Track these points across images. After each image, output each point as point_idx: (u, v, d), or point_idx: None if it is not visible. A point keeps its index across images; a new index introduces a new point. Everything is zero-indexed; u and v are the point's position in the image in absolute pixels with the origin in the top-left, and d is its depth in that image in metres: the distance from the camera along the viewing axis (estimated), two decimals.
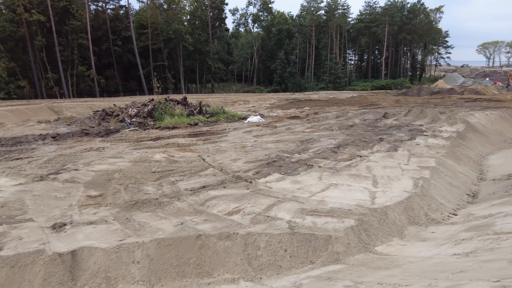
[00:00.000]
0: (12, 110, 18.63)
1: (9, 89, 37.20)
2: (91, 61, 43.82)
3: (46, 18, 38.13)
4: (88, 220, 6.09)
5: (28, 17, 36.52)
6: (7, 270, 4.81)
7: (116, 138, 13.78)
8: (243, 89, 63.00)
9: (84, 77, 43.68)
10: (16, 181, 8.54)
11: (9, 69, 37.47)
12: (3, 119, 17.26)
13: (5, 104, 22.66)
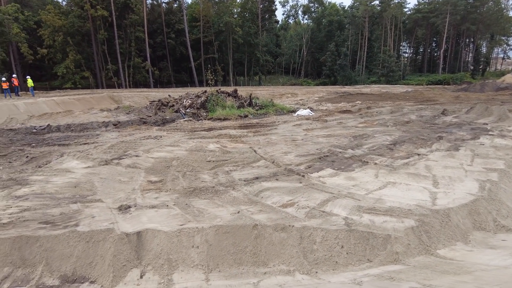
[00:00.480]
0: (78, 99, 20.24)
1: (75, 79, 40.41)
2: (147, 53, 46.06)
3: (109, 13, 40.64)
4: (150, 204, 6.49)
5: (93, 12, 39.19)
6: (83, 245, 5.30)
7: (172, 127, 14.40)
8: (290, 82, 62.53)
9: (140, 68, 46.08)
10: (85, 164, 9.31)
11: (75, 61, 40.63)
12: (71, 106, 18.81)
13: (73, 93, 24.62)
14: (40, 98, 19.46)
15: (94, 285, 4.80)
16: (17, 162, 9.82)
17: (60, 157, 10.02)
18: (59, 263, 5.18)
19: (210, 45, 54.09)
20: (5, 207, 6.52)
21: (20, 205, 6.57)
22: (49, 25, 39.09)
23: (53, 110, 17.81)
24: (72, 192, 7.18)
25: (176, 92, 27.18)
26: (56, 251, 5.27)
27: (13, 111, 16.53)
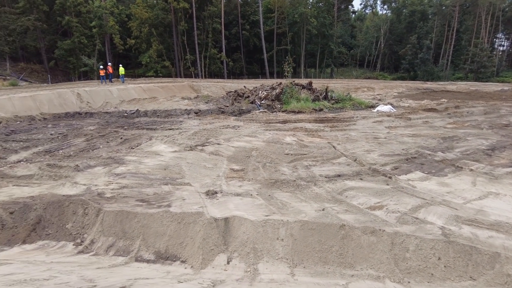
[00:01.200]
0: (162, 87, 21.72)
1: (156, 68, 43.47)
2: (222, 45, 47.52)
3: (189, 5, 42.73)
4: (235, 192, 6.67)
5: (176, 5, 41.56)
6: (175, 225, 5.65)
7: (248, 118, 14.66)
8: (365, 75, 59.69)
9: (215, 59, 47.80)
10: (172, 148, 9.93)
11: (158, 51, 43.61)
12: (156, 93, 20.27)
13: (156, 81, 26.49)
14: (129, 85, 21.34)
15: (184, 265, 5.09)
16: (113, 142, 10.85)
17: (149, 141, 10.83)
18: (154, 240, 5.60)
19: (283, 37, 53.94)
20: (108, 182, 7.26)
21: (119, 182, 7.25)
22: (137, 17, 42.57)
23: (140, 96, 19.40)
24: (163, 174, 7.71)
25: (250, 83, 27.65)
26: (151, 228, 5.70)
27: (108, 96, 18.39)
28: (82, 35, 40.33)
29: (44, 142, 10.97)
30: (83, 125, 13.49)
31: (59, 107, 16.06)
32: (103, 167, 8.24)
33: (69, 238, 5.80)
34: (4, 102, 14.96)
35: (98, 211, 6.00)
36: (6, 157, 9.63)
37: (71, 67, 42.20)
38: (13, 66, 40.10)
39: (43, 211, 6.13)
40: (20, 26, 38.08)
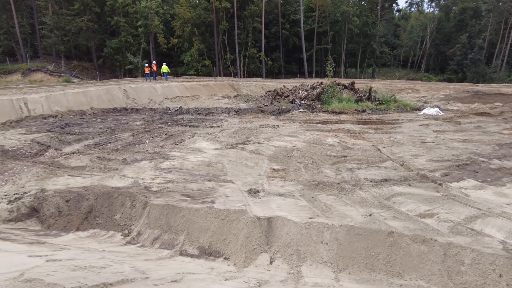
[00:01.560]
0: (203, 85, 22.16)
1: (197, 67, 44.43)
2: (262, 44, 47.61)
3: (231, 4, 43.23)
4: (277, 192, 6.63)
5: (217, 5, 42.23)
6: (219, 221, 5.71)
7: (288, 117, 14.55)
8: (408, 76, 57.15)
9: (254, 58, 47.99)
10: (214, 145, 10.08)
11: (199, 50, 44.57)
12: (197, 92, 20.74)
13: (198, 80, 27.07)
14: (173, 83, 22.02)
15: (227, 262, 5.12)
16: (158, 138, 11.21)
17: (192, 137, 11.07)
18: (198, 235, 5.69)
19: (323, 36, 53.00)
20: (154, 176, 7.50)
21: (165, 176, 7.47)
22: (181, 17, 43.77)
23: (183, 94, 19.94)
24: (206, 171, 7.84)
25: (289, 83, 27.47)
26: (195, 223, 5.81)
27: (152, 93, 19.09)
28: (128, 34, 42.15)
29: (94, 136, 11.57)
30: (130, 120, 14.07)
31: (107, 103, 16.90)
32: (149, 161, 8.54)
33: (117, 228, 6.06)
34: (60, 97, 15.99)
35: (145, 204, 6.21)
36: (61, 149, 10.29)
37: (117, 65, 44.26)
38: (67, 64, 42.80)
39: (94, 201, 6.45)
40: (75, 26, 40.52)
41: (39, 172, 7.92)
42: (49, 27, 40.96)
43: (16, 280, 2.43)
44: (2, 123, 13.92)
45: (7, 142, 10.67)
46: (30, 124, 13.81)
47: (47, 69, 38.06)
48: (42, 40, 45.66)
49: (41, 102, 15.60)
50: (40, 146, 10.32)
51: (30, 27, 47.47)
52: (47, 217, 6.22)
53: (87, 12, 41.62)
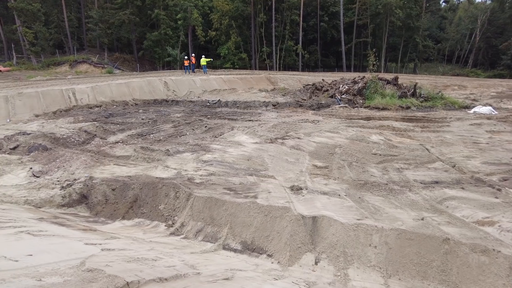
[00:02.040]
0: (241, 78, 22.17)
1: (233, 60, 44.64)
2: (299, 37, 46.88)
3: None
4: (321, 190, 6.43)
5: None
6: (262, 217, 5.63)
7: (327, 112, 14.19)
8: (452, 72, 53.99)
9: (291, 51, 47.43)
10: (253, 139, 10.01)
11: (236, 43, 44.71)
12: (235, 85, 20.78)
13: (235, 73, 27.14)
14: (211, 76, 22.22)
15: (271, 259, 5.04)
16: (198, 130, 11.32)
17: (231, 130, 11.07)
18: (241, 229, 5.65)
19: (363, 28, 51.24)
20: (196, 168, 7.56)
21: (207, 169, 7.50)
22: (219, 10, 44.08)
23: (221, 87, 20.06)
24: (247, 165, 7.78)
25: (327, 76, 26.84)
26: (238, 217, 5.77)
27: (192, 85, 19.37)
28: (168, 27, 43.14)
29: (136, 126, 11.90)
30: (170, 112, 14.35)
31: (149, 94, 17.35)
32: (191, 153, 8.62)
33: (161, 219, 6.16)
34: (104, 88, 16.62)
35: (189, 195, 6.26)
36: (106, 138, 10.67)
37: (156, 57, 45.51)
38: (109, 56, 44.61)
39: (139, 191, 6.60)
40: (118, 20, 42.03)
41: (87, 160, 8.24)
42: (94, 21, 42.80)
43: (79, 269, 2.46)
44: (53, 112, 14.71)
45: (58, 130, 11.23)
46: (77, 113, 14.49)
47: (91, 60, 39.87)
48: (88, 33, 47.89)
49: (87, 92, 16.30)
50: (87, 134, 10.76)
51: (77, 21, 49.91)
52: (95, 204, 6.44)
53: (129, 6, 42.97)
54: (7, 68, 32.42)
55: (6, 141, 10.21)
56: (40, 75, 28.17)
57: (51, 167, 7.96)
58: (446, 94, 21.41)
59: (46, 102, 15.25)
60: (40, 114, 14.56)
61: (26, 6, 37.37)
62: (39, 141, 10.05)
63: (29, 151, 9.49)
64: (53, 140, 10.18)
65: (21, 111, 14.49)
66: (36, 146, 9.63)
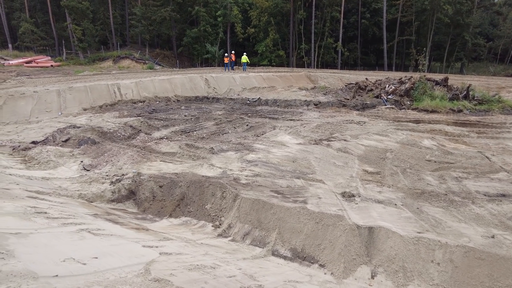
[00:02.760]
0: (280, 76, 21.90)
1: (271, 57, 44.36)
2: (339, 34, 45.70)
3: None
4: (375, 198, 6.06)
5: None
6: (313, 224, 5.38)
7: (373, 113, 13.60)
8: (505, 72, 50.23)
9: (329, 49, 46.37)
10: (297, 140, 9.74)
11: (274, 40, 44.38)
12: (274, 83, 20.55)
13: (274, 70, 26.89)
14: (250, 73, 22.13)
15: (324, 270, 4.78)
16: (240, 128, 11.22)
17: (273, 130, 10.86)
18: (290, 236, 5.44)
19: (407, 26, 48.97)
20: (241, 168, 7.43)
21: (252, 169, 7.36)
22: (258, 6, 43.93)
23: (260, 85, 19.92)
24: (292, 167, 7.55)
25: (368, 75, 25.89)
26: (287, 223, 5.56)
27: (232, 83, 19.39)
28: (207, 24, 43.65)
29: (180, 122, 12.01)
30: (211, 109, 14.39)
31: (190, 91, 17.55)
32: (235, 152, 8.52)
33: (207, 218, 6.09)
34: (148, 83, 17.01)
35: (235, 196, 6.14)
36: (150, 133, 10.85)
37: (195, 54, 46.23)
38: (150, 52, 45.93)
39: (186, 189, 6.57)
40: (159, 16, 43.11)
41: (134, 156, 8.38)
42: (137, 17, 44.19)
43: (146, 278, 2.35)
44: (100, 106, 15.26)
45: (104, 124, 11.58)
46: (122, 108, 14.93)
47: (133, 56, 41.19)
48: (130, 30, 49.62)
49: (131, 88, 16.76)
50: (132, 129, 11.00)
51: (120, 18, 51.87)
52: (142, 201, 6.50)
53: (170, 3, 43.93)
54: (58, 63, 34.25)
55: (59, 134, 10.68)
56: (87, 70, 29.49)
57: (100, 161, 8.17)
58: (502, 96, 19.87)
59: (93, 96, 15.84)
60: (87, 108, 15.15)
61: (76, 4, 39.25)
62: (88, 135, 10.41)
63: (79, 144, 9.85)
64: (101, 134, 10.50)
65: (71, 104, 15.15)
66: (86, 139, 9.97)
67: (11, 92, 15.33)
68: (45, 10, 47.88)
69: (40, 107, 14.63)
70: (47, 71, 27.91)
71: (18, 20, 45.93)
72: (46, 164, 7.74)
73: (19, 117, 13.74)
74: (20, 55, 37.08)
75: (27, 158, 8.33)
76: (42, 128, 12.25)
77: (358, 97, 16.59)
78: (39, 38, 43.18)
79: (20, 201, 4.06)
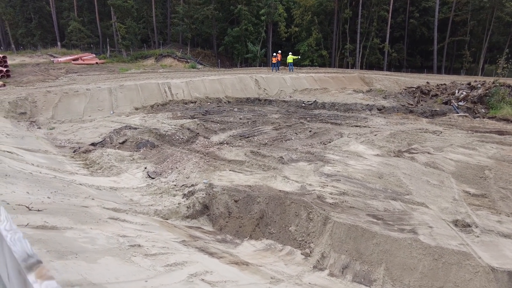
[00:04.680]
0: (332, 77, 20.79)
1: (313, 57, 43.05)
2: (386, 34, 43.60)
3: None
4: (498, 230, 5.00)
5: None
6: (430, 261, 4.44)
7: (445, 122, 12.27)
8: None
9: (375, 49, 44.36)
10: (373, 151, 8.73)
11: (317, 40, 43.06)
12: (326, 84, 19.50)
13: (323, 71, 25.75)
14: (301, 74, 21.18)
15: None
16: (302, 134, 10.37)
17: (340, 137, 9.91)
18: (401, 273, 4.54)
19: (461, 26, 45.81)
20: (322, 184, 6.57)
21: (335, 185, 6.48)
22: (302, 5, 42.81)
23: (312, 86, 18.95)
24: (381, 184, 6.58)
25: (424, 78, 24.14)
26: (396, 257, 4.66)
27: (282, 84, 18.57)
28: (249, 23, 43.06)
29: (236, 126, 11.35)
30: (265, 112, 13.65)
31: (240, 92, 16.93)
32: (308, 163, 7.68)
33: (294, 243, 5.31)
34: (198, 84, 16.57)
35: (325, 219, 5.31)
36: (209, 137, 10.24)
37: (236, 53, 45.83)
38: (191, 51, 46.11)
39: (265, 205, 5.82)
40: (202, 15, 43.13)
41: (199, 163, 7.77)
42: (180, 16, 44.48)
43: None
44: (151, 106, 14.97)
45: (160, 126, 11.15)
46: (174, 108, 14.54)
47: (175, 55, 41.42)
48: (172, 28, 50.17)
49: (182, 87, 16.39)
50: (190, 132, 10.46)
51: (161, 17, 52.61)
52: (217, 217, 5.82)
53: (212, 1, 43.83)
54: (102, 61, 35.01)
55: (116, 135, 10.34)
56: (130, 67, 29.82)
57: (164, 168, 7.64)
58: None
59: (144, 95, 15.61)
60: (139, 107, 14.91)
61: (122, 3, 40.09)
62: (145, 137, 9.99)
63: (138, 147, 9.42)
64: (159, 136, 10.04)
65: (122, 103, 14.98)
66: (144, 142, 9.53)
67: (65, 89, 15.41)
68: (91, 9, 49.49)
69: (93, 105, 14.56)
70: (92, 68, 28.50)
71: (66, 19, 47.78)
72: (109, 170, 7.30)
73: (73, 115, 13.69)
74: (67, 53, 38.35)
75: (89, 161, 7.95)
76: (97, 127, 12.06)
77: (423, 102, 15.21)
78: (85, 36, 44.61)
79: (105, 225, 3.45)
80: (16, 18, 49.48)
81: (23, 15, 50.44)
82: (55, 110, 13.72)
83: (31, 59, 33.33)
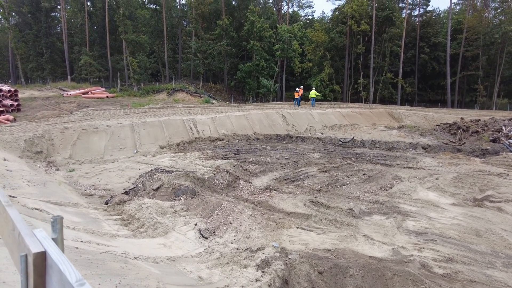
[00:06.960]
0: (360, 113, 20.05)
1: (325, 92, 42.83)
2: (399, 69, 43.66)
3: (369, 27, 40.83)
4: None
5: (355, 28, 40.28)
6: None
7: (501, 161, 11.22)
8: None
9: (387, 83, 44.24)
10: (446, 199, 7.65)
11: (329, 74, 43.07)
12: (355, 120, 18.71)
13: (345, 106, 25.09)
14: (327, 110, 20.46)
15: None
16: (355, 178, 9.33)
17: (401, 182, 8.85)
18: None
19: (473, 60, 45.90)
20: (416, 246, 5.44)
21: (433, 248, 5.34)
22: (314, 41, 43.18)
23: (341, 122, 18.13)
24: (486, 245, 5.43)
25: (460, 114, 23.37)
26: None
27: (310, 120, 17.79)
28: (261, 58, 43.36)
29: (277, 167, 10.35)
30: (301, 150, 12.70)
31: (269, 128, 16.10)
32: (384, 216, 6.58)
33: None
34: (225, 120, 15.79)
35: None
36: (250, 181, 9.21)
37: (247, 88, 45.82)
38: (203, 85, 46.21)
39: (361, 280, 4.65)
40: (215, 50, 43.58)
41: (256, 216, 6.68)
42: (192, 51, 44.96)
43: None
44: (177, 144, 14.08)
45: (194, 168, 10.16)
46: (202, 147, 13.63)
47: (188, 89, 41.35)
48: (183, 63, 50.72)
49: (208, 124, 15.59)
50: (230, 176, 9.44)
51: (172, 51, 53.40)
52: None
53: (224, 37, 44.43)
54: (112, 95, 34.79)
55: (148, 180, 9.30)
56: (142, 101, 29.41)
57: (215, 223, 6.52)
58: None
59: (169, 132, 14.80)
60: (164, 145, 14.03)
61: (135, 38, 40.63)
62: (182, 182, 8.94)
63: (176, 194, 8.36)
64: (197, 181, 8.99)
65: (146, 141, 14.12)
66: (183, 189, 8.47)
67: (84, 126, 14.58)
68: (102, 44, 50.30)
69: (114, 143, 13.68)
70: (104, 102, 28.12)
71: (77, 54, 48.48)
72: (154, 228, 6.18)
73: (93, 155, 12.74)
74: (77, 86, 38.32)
75: (125, 216, 6.85)
76: (122, 170, 11.04)
77: (465, 140, 14.25)
78: (96, 70, 45.00)
79: None
80: (28, 52, 50.31)
81: (35, 50, 51.36)
82: (73, 148, 12.81)
83: (40, 92, 33.13)
